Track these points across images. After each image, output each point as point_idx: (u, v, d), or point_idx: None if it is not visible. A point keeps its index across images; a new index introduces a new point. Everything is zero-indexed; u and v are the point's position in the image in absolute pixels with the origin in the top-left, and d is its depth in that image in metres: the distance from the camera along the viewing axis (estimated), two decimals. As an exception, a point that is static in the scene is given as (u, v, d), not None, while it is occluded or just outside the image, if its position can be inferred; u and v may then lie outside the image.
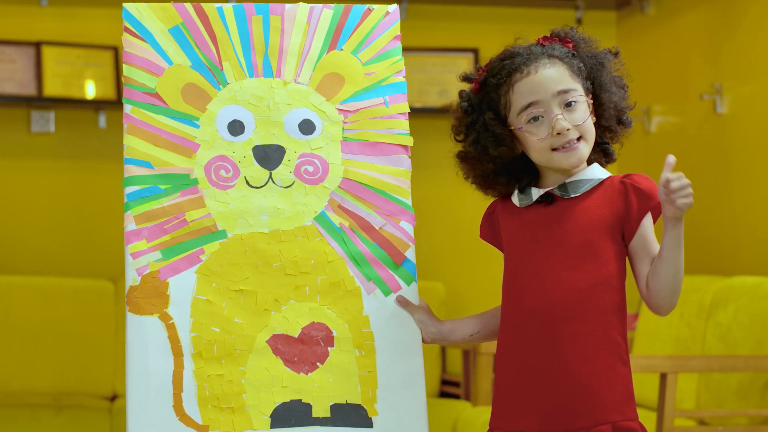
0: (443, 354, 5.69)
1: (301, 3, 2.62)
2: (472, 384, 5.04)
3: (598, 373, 2.31)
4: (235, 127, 2.55)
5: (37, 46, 5.57)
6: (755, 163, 4.78)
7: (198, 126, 2.54)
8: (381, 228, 2.55)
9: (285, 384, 2.48)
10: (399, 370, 2.51)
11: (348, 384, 2.49)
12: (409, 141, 2.60)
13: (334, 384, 2.49)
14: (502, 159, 2.40)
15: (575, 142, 2.35)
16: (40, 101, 5.53)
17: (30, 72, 5.56)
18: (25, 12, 5.62)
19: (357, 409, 2.49)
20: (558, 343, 2.32)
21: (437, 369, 5.60)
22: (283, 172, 2.54)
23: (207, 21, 2.57)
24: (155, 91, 2.54)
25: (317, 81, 2.59)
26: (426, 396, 2.54)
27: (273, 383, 2.47)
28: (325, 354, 2.50)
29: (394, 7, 2.66)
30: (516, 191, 2.42)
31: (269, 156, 2.54)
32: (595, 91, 2.40)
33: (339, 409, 2.49)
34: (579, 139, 2.35)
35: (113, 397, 5.40)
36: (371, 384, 2.50)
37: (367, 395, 2.50)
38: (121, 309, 3.88)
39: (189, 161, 2.52)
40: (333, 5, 2.62)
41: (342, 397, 2.49)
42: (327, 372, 2.49)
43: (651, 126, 5.51)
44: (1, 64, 5.54)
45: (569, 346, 2.31)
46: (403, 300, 2.53)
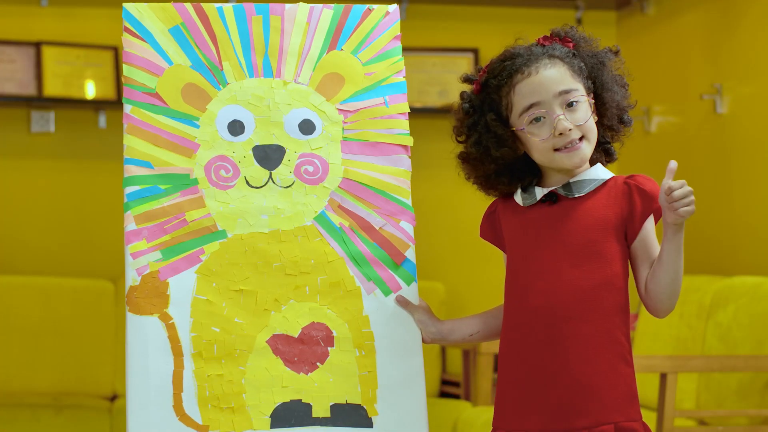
0: (443, 354, 5.68)
1: (301, 3, 2.62)
2: (472, 384, 5.04)
3: (600, 373, 2.31)
4: (235, 127, 2.55)
5: (37, 46, 5.56)
6: (755, 163, 4.77)
7: (198, 126, 2.54)
8: (381, 228, 2.55)
9: (285, 384, 2.47)
10: (399, 370, 2.51)
11: (348, 384, 2.49)
12: (409, 141, 2.60)
13: (334, 384, 2.49)
14: (504, 159, 2.39)
15: (577, 142, 2.34)
16: (40, 101, 5.52)
17: (30, 72, 5.55)
18: (25, 12, 5.61)
19: (357, 409, 2.49)
20: (561, 343, 2.31)
21: (437, 369, 5.59)
22: (283, 172, 2.54)
23: (207, 21, 2.57)
24: (155, 91, 2.54)
25: (317, 81, 2.59)
26: (426, 396, 2.53)
27: (273, 383, 2.47)
28: (325, 354, 2.50)
29: (394, 7, 2.66)
30: (519, 190, 2.42)
31: (269, 156, 2.54)
32: (597, 91, 2.39)
33: (339, 409, 2.48)
34: (581, 139, 2.35)
35: (113, 397, 5.40)
36: (371, 384, 2.50)
37: (367, 395, 2.49)
38: (121, 309, 3.88)
39: (189, 161, 2.52)
40: (333, 5, 2.62)
41: (342, 397, 2.49)
42: (327, 372, 2.49)
43: (651, 126, 5.51)
44: (1, 64, 5.54)
45: (572, 345, 2.31)
46: (403, 300, 2.53)
